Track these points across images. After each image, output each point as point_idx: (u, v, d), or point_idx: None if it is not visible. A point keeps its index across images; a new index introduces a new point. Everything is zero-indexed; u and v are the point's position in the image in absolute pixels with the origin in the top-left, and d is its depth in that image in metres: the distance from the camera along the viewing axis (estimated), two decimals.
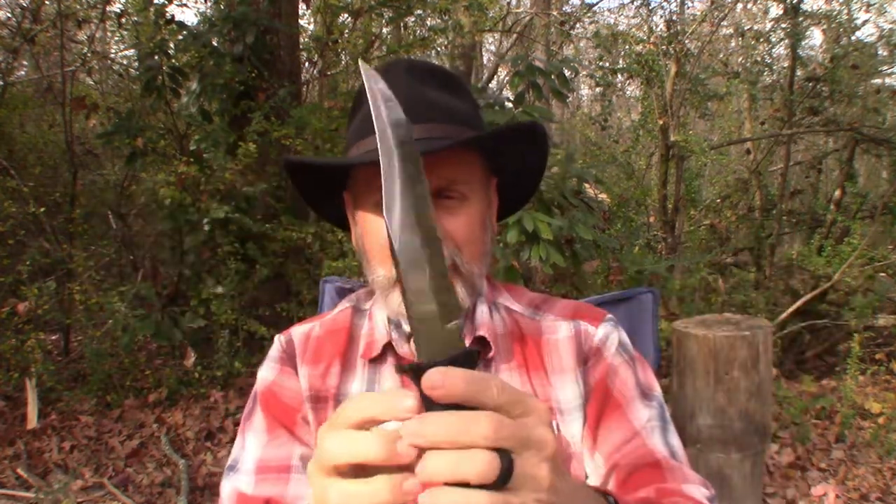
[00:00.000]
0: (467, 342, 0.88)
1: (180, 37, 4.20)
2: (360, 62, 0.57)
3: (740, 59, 7.80)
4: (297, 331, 0.97)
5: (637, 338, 0.98)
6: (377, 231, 0.83)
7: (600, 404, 0.86)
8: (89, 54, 5.41)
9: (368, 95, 0.53)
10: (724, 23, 7.12)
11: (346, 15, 5.47)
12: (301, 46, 5.21)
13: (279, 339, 0.97)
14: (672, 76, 5.65)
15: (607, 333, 0.91)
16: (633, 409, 0.86)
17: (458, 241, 0.83)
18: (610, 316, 0.94)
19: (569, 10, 8.81)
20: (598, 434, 0.85)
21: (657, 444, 0.83)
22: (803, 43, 6.61)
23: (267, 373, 0.94)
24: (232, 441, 3.56)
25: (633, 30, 7.59)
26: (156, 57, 4.09)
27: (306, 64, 5.53)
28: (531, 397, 0.47)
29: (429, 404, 0.42)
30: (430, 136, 0.82)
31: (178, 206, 4.04)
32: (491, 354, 0.88)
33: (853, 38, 6.02)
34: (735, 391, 3.01)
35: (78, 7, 5.25)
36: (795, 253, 5.84)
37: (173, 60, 4.24)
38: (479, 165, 0.87)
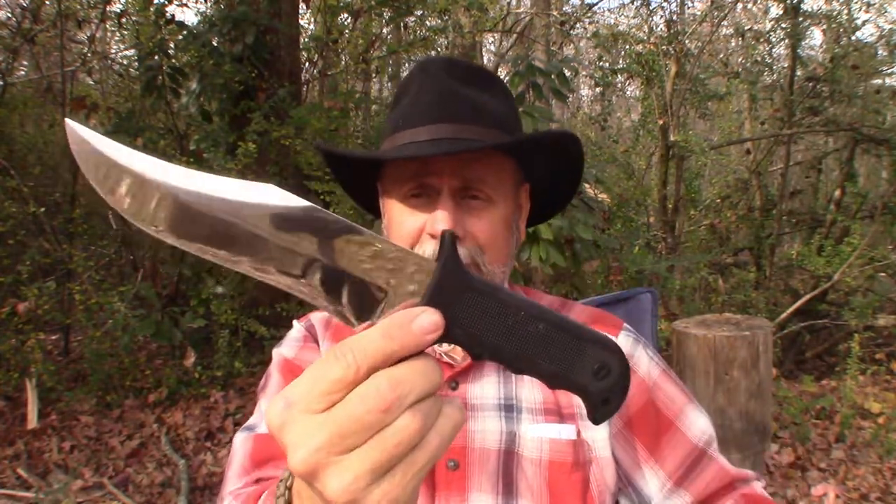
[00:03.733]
0: None
1: (180, 37, 4.20)
2: (66, 121, 0.43)
3: (740, 59, 7.81)
4: (316, 316, 1.00)
5: None
6: (402, 222, 0.85)
7: (653, 423, 0.88)
8: (89, 54, 5.41)
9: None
10: (724, 23, 7.13)
11: (346, 15, 5.48)
12: (301, 46, 5.21)
13: (299, 324, 0.99)
14: (672, 76, 5.65)
15: (632, 347, 0.92)
16: (686, 422, 0.89)
17: (481, 242, 0.83)
18: (627, 325, 0.96)
19: (569, 10, 8.81)
20: (658, 453, 0.87)
21: (722, 460, 0.89)
22: (803, 43, 6.61)
23: (287, 351, 0.95)
24: (232, 440, 3.56)
25: (633, 30, 7.59)
26: (156, 57, 4.09)
27: (306, 64, 5.53)
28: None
29: None
30: (458, 136, 0.82)
31: None
32: None
33: (853, 38, 6.01)
34: (735, 391, 3.01)
35: (78, 7, 5.25)
36: (795, 253, 5.84)
37: (173, 60, 4.24)
38: (509, 169, 0.87)
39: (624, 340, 0.93)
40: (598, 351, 0.44)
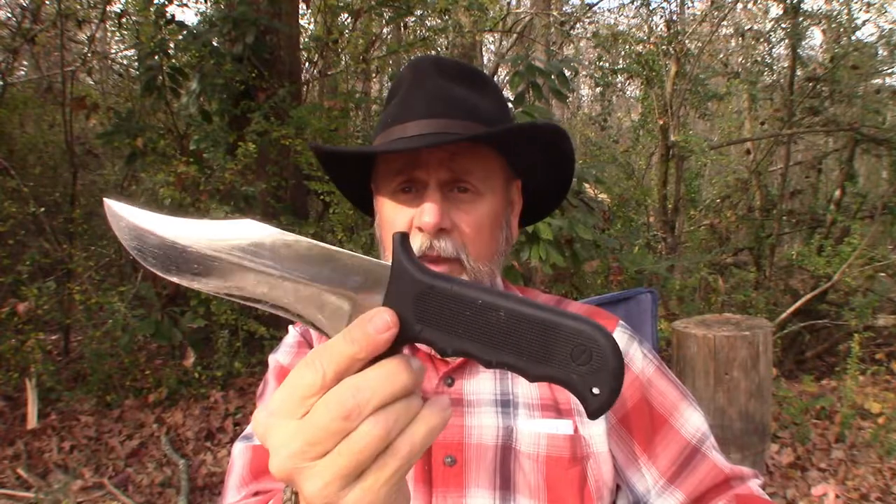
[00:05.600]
0: None
1: (180, 37, 4.20)
2: (105, 201, 0.46)
3: (740, 59, 7.81)
4: None
5: None
6: (393, 218, 0.85)
7: (647, 420, 0.88)
8: (89, 54, 5.40)
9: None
10: (724, 23, 7.13)
11: (346, 15, 5.48)
12: (301, 46, 5.21)
13: (295, 329, 0.99)
14: (672, 76, 5.65)
15: (626, 344, 0.92)
16: (679, 420, 0.89)
17: (465, 237, 0.83)
18: (622, 322, 0.96)
19: (569, 10, 8.82)
20: (652, 450, 0.87)
21: (716, 458, 0.88)
22: (803, 43, 6.61)
23: (282, 357, 0.95)
24: (232, 441, 3.56)
25: (633, 30, 7.59)
26: (156, 57, 4.09)
27: (306, 64, 5.53)
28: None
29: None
30: (445, 131, 0.82)
31: (178, 206, 4.04)
32: None
33: (853, 38, 6.01)
34: (735, 391, 3.01)
35: (78, 7, 5.25)
36: (795, 253, 5.84)
37: (173, 60, 4.24)
38: (497, 163, 0.87)
39: (620, 336, 0.92)
40: (572, 333, 0.38)
